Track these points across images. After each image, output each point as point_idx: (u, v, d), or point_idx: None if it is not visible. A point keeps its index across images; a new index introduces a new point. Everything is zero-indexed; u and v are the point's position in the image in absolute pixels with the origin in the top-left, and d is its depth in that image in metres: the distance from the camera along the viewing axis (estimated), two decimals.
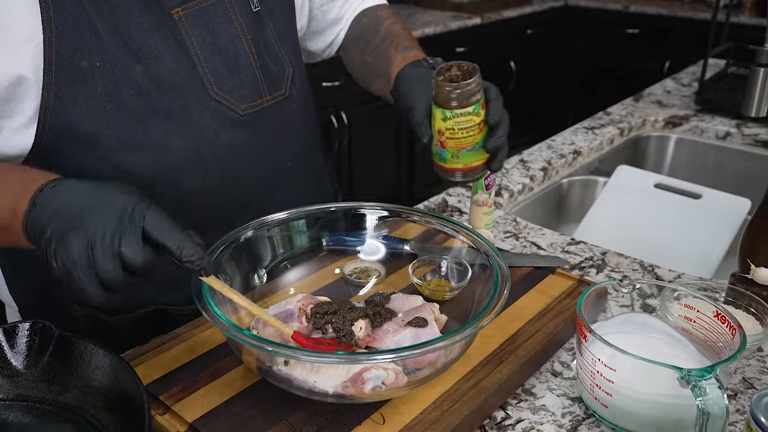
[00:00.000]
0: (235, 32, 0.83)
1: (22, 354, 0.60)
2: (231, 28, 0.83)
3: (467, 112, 0.74)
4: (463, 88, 0.73)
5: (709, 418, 0.58)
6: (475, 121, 0.75)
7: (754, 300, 0.80)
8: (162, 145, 0.77)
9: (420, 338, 0.68)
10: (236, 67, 0.83)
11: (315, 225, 0.81)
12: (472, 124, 0.75)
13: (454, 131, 0.76)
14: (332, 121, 2.65)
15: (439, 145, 0.78)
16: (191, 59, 0.79)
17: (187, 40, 0.79)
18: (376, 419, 0.65)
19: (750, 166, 1.54)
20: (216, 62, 0.81)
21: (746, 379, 0.76)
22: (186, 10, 0.79)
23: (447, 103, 0.74)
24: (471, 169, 0.79)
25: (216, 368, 0.72)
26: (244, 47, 0.84)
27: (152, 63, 0.76)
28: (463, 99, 0.74)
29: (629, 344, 0.66)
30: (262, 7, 0.87)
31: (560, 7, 3.88)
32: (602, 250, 1.05)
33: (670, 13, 3.50)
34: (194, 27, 0.80)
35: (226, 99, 0.82)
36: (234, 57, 0.83)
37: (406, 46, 0.94)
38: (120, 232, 0.58)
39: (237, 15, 0.83)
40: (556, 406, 0.72)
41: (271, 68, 0.87)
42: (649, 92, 1.89)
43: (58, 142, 0.74)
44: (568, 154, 1.44)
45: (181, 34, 0.79)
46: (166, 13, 0.78)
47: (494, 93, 0.78)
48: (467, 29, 3.23)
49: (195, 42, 0.80)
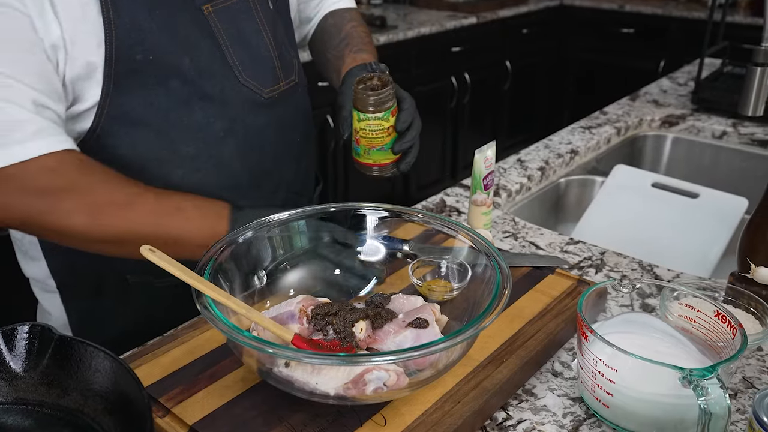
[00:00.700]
0: (257, 27, 0.93)
1: (21, 357, 0.60)
2: (253, 23, 0.93)
3: (377, 117, 0.89)
4: (375, 96, 0.87)
5: (711, 417, 0.58)
6: (384, 125, 0.90)
7: (753, 299, 0.81)
8: (204, 125, 0.88)
9: (421, 339, 0.68)
10: (259, 57, 0.93)
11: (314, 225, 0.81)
12: (381, 127, 0.90)
13: (366, 132, 0.90)
14: (328, 121, 2.65)
15: (355, 142, 0.93)
16: (221, 50, 0.89)
17: (217, 33, 0.88)
18: (377, 421, 0.65)
19: (746, 165, 1.55)
20: (242, 53, 0.91)
21: (746, 378, 0.76)
22: (215, 7, 0.88)
23: (362, 108, 0.89)
24: (381, 166, 0.93)
25: (216, 370, 0.71)
26: (265, 40, 0.94)
27: (195, 54, 0.86)
28: (376, 105, 0.88)
29: (630, 344, 0.66)
30: (275, 5, 0.98)
31: (555, 7, 3.89)
32: (601, 250, 1.05)
33: (665, 12, 3.51)
34: (222, 22, 0.89)
35: (253, 84, 0.92)
36: (257, 48, 0.93)
37: (360, 49, 1.07)
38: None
39: (259, 12, 0.94)
40: (557, 407, 0.72)
41: (285, 57, 0.98)
42: (645, 91, 1.89)
43: (113, 125, 0.83)
44: (566, 153, 1.44)
45: (211, 27, 0.88)
46: (198, 8, 0.87)
47: (407, 104, 0.92)
48: (463, 29, 3.23)
49: (224, 35, 0.89)
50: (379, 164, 0.93)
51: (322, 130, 2.66)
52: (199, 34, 0.86)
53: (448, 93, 3.27)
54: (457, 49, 3.21)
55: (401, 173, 0.96)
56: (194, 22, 0.86)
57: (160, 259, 0.64)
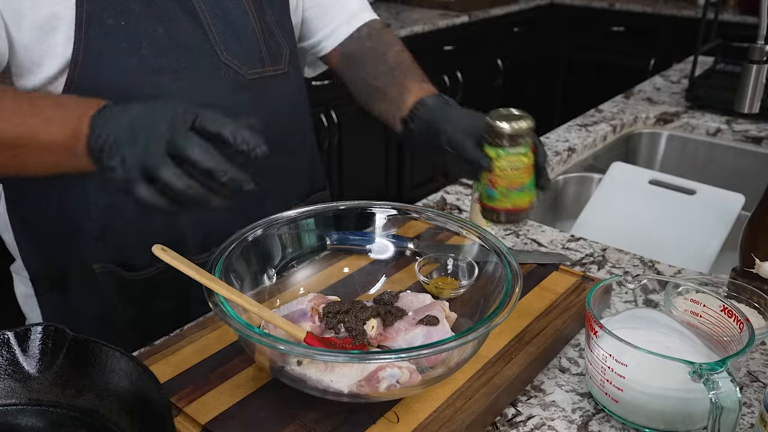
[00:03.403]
0: (243, 10, 0.92)
1: (35, 358, 0.60)
2: (240, 5, 0.92)
3: (519, 152, 0.79)
4: (518, 128, 0.78)
5: (722, 411, 0.59)
6: (525, 161, 0.80)
7: (756, 294, 0.82)
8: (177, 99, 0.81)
9: (431, 336, 0.69)
10: (244, 37, 0.92)
11: (322, 223, 0.81)
12: (522, 164, 0.80)
13: (506, 170, 0.80)
14: (322, 120, 2.64)
15: (489, 185, 0.81)
16: (203, 28, 0.87)
17: (199, 11, 0.87)
18: (390, 418, 0.65)
19: (740, 162, 1.57)
20: (226, 33, 0.90)
21: (751, 372, 0.77)
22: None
23: (501, 142, 0.79)
24: (517, 210, 0.82)
25: (226, 369, 0.72)
26: (251, 22, 0.93)
27: (171, 25, 0.84)
28: (517, 139, 0.79)
29: (637, 339, 0.66)
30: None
31: (546, 5, 3.90)
32: (602, 247, 1.06)
33: (655, 11, 3.54)
34: (205, 3, 0.87)
35: (235, 63, 0.90)
36: (243, 29, 0.91)
37: (423, 80, 1.01)
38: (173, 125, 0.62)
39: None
40: (565, 402, 0.72)
41: (271, 44, 0.96)
42: (639, 89, 1.91)
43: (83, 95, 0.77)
44: (563, 151, 1.45)
45: (193, 5, 0.86)
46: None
47: (537, 138, 0.83)
48: (455, 27, 3.23)
49: (207, 14, 0.88)
50: (517, 208, 0.82)
51: (315, 129, 2.65)
52: (179, 7, 0.85)
53: (441, 91, 3.26)
54: (449, 47, 3.22)
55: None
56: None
57: (172, 258, 0.64)
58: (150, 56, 0.82)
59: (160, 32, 0.83)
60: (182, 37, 0.85)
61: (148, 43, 0.82)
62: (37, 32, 0.77)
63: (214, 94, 0.89)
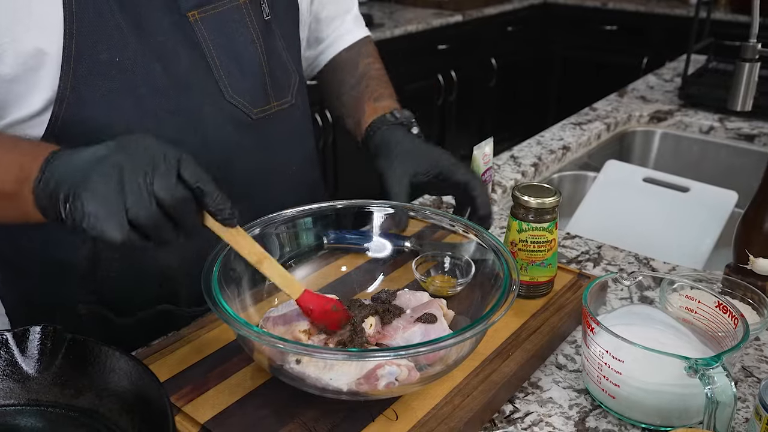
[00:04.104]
0: (250, 38, 0.84)
1: (34, 358, 0.60)
2: (246, 33, 0.84)
3: (542, 227, 0.81)
4: (543, 203, 0.80)
5: (718, 406, 0.59)
6: (548, 237, 0.81)
7: (750, 290, 0.82)
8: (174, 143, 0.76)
9: (429, 334, 0.69)
10: (250, 72, 0.84)
11: (320, 222, 0.82)
12: (545, 239, 0.81)
13: (527, 244, 0.81)
14: (317, 120, 2.64)
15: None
16: (207, 61, 0.80)
17: (203, 43, 0.80)
18: (389, 416, 0.65)
19: (733, 159, 1.58)
20: (231, 66, 0.82)
21: (745, 367, 0.78)
22: (202, 14, 0.80)
23: (526, 215, 0.81)
24: (536, 284, 0.83)
25: (225, 368, 0.72)
26: (258, 53, 0.85)
27: (170, 63, 0.77)
28: (542, 214, 0.80)
29: (633, 336, 0.67)
30: (273, 15, 0.88)
31: (539, 4, 3.92)
32: (597, 244, 1.07)
33: (647, 9, 3.55)
34: (210, 30, 0.80)
35: (240, 102, 0.84)
36: (249, 62, 0.84)
37: (380, 94, 0.99)
38: (154, 167, 0.56)
39: (253, 21, 0.85)
40: (562, 399, 0.73)
41: (278, 76, 0.89)
42: (632, 88, 1.92)
43: (69, 135, 0.73)
44: (558, 149, 1.46)
45: (197, 36, 0.79)
46: (183, 15, 0.78)
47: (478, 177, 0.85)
48: (449, 26, 3.24)
49: (211, 45, 0.81)
50: (535, 282, 0.83)
51: None
52: (180, 41, 0.78)
53: (435, 91, 3.28)
54: (444, 47, 3.22)
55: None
56: (175, 28, 0.78)
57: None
58: (147, 96, 0.76)
59: (158, 70, 0.76)
60: (183, 75, 0.78)
61: (144, 82, 0.75)
62: (21, 67, 0.70)
63: (216, 137, 0.82)
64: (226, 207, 0.60)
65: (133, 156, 0.57)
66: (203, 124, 0.81)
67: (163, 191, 0.56)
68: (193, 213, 0.59)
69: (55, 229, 0.77)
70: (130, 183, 0.55)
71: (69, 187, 0.57)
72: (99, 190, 0.55)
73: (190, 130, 0.79)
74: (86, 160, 0.58)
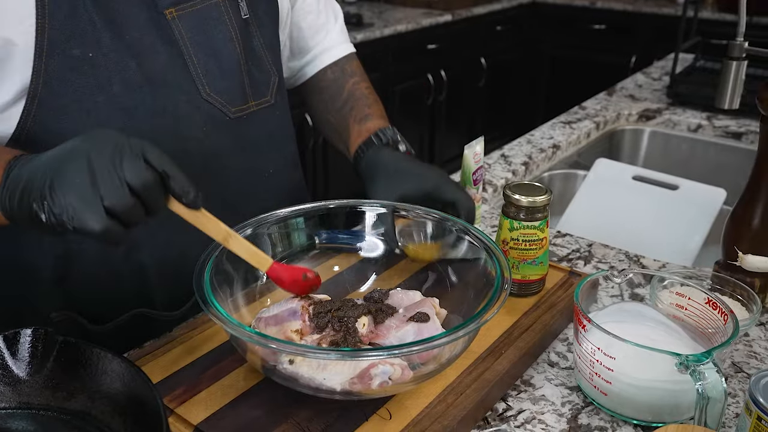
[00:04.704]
0: (228, 36, 0.84)
1: (25, 361, 0.59)
2: (225, 31, 0.83)
3: (534, 226, 0.82)
4: (534, 201, 0.81)
5: (709, 401, 0.60)
6: (540, 235, 0.82)
7: (739, 286, 0.83)
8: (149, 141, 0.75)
9: (423, 333, 0.69)
10: (228, 70, 0.84)
11: (311, 223, 0.81)
12: (536, 237, 0.82)
13: (519, 242, 0.82)
14: (306, 120, 2.64)
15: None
16: (183, 59, 0.80)
17: (180, 40, 0.79)
18: (382, 415, 0.65)
19: (721, 157, 1.59)
20: (209, 64, 0.82)
21: (735, 363, 0.79)
22: (180, 11, 0.79)
23: (517, 214, 0.82)
24: (528, 282, 0.84)
25: (217, 369, 0.71)
26: (236, 51, 0.84)
27: (146, 59, 0.76)
28: (533, 212, 0.81)
29: (624, 332, 0.67)
30: (251, 14, 0.87)
31: (528, 4, 3.93)
32: (588, 242, 1.07)
33: (635, 9, 3.58)
34: (187, 28, 0.80)
35: (218, 100, 0.83)
36: (227, 60, 0.83)
37: (365, 115, 0.97)
38: (121, 154, 0.57)
39: (231, 19, 0.84)
40: (555, 396, 0.73)
41: (255, 75, 0.88)
42: (621, 86, 1.93)
43: (42, 132, 0.73)
44: (548, 148, 1.46)
45: (174, 33, 0.79)
46: (160, 12, 0.78)
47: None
48: (438, 26, 3.24)
49: (188, 43, 0.80)
50: (527, 280, 0.84)
51: (299, 129, 2.65)
52: (156, 38, 0.77)
53: (425, 90, 3.29)
54: (433, 46, 3.23)
55: None
56: (152, 24, 0.77)
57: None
58: (121, 93, 0.75)
59: (132, 67, 0.75)
60: (158, 73, 0.77)
61: (118, 79, 0.74)
62: None
63: (192, 135, 0.81)
64: (190, 190, 0.61)
65: (98, 146, 0.57)
66: (179, 122, 0.80)
67: (133, 176, 0.56)
68: (161, 196, 0.60)
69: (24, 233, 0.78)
70: (101, 171, 0.56)
71: (42, 184, 0.57)
72: (73, 182, 0.56)
73: (166, 127, 0.79)
74: (52, 158, 0.59)
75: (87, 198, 0.55)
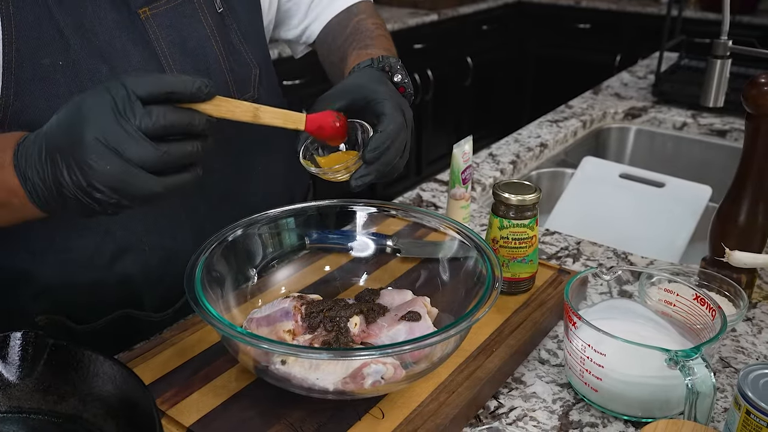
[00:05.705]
0: (204, 33, 0.82)
1: (15, 365, 0.59)
2: (200, 29, 0.81)
3: (523, 224, 0.82)
4: (524, 200, 0.81)
5: (698, 396, 0.60)
6: (529, 234, 0.83)
7: (725, 282, 0.84)
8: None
9: (414, 332, 0.69)
10: (207, 69, 0.82)
11: (302, 223, 0.81)
12: (526, 236, 0.83)
13: (508, 240, 0.83)
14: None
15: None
16: (159, 60, 0.78)
17: (155, 41, 0.78)
18: (375, 414, 0.66)
19: (707, 154, 1.61)
20: (186, 64, 0.80)
21: (723, 358, 0.80)
22: (153, 10, 0.77)
23: (507, 212, 0.82)
24: (518, 280, 0.85)
25: (209, 371, 0.71)
26: (214, 49, 0.83)
27: (118, 63, 0.75)
28: (523, 211, 0.82)
29: (614, 329, 0.68)
30: (225, 7, 0.85)
31: (514, 3, 3.95)
32: (576, 240, 1.08)
33: (619, 8, 3.61)
34: (162, 27, 0.78)
35: None
36: (204, 59, 0.82)
37: (366, 44, 0.89)
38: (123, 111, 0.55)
39: (206, 16, 0.82)
40: (546, 393, 0.74)
41: (236, 70, 0.86)
42: (607, 85, 1.94)
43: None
44: (535, 147, 1.47)
45: (148, 34, 0.77)
46: (133, 12, 0.76)
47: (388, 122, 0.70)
48: (424, 26, 3.25)
49: (163, 43, 0.78)
50: (517, 278, 0.84)
51: None
52: (129, 40, 0.75)
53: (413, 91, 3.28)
54: (419, 46, 3.23)
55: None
56: (123, 26, 0.75)
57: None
58: None
59: (104, 71, 0.73)
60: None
61: (90, 85, 0.72)
62: None
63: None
64: (195, 86, 0.58)
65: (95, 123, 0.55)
66: None
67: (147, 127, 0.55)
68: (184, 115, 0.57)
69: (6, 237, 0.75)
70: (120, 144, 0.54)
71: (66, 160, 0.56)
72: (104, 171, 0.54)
73: None
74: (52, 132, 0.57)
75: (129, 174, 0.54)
